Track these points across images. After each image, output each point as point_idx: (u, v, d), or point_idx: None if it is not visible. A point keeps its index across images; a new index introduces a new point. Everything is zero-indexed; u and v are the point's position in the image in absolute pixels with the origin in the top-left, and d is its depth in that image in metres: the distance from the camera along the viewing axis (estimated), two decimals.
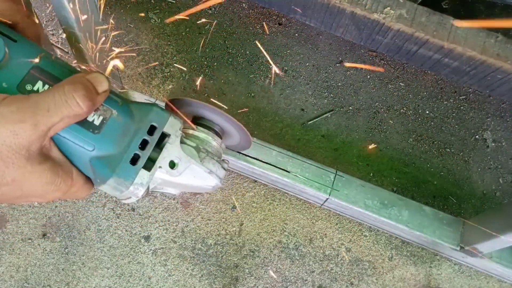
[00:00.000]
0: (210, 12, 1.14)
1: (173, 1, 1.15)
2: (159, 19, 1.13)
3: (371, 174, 1.04)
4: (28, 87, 0.39)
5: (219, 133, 0.64)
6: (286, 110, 1.07)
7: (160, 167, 0.46)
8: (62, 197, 0.42)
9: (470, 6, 1.22)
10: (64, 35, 1.09)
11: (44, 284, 0.92)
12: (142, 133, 0.44)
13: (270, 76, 1.09)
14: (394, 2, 0.95)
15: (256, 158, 0.88)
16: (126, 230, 0.96)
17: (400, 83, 1.12)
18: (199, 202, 0.99)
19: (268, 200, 1.00)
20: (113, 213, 0.97)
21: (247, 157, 0.88)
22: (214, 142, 0.60)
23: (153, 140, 0.45)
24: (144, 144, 0.44)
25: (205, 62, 1.10)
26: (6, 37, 0.39)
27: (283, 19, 1.15)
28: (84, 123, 0.41)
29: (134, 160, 0.44)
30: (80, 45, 0.71)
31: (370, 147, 1.03)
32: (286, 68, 1.11)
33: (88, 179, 0.44)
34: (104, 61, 0.77)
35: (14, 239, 0.94)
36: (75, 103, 0.35)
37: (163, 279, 0.94)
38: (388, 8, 0.95)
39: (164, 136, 0.47)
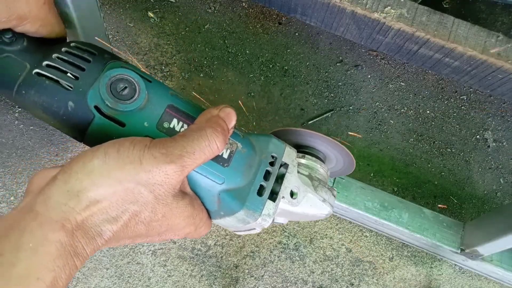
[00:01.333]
0: (209, 11, 1.14)
1: (172, 0, 1.15)
2: (159, 19, 1.12)
3: (372, 174, 1.04)
4: (166, 125, 0.41)
5: (323, 160, 0.64)
6: (286, 110, 1.07)
7: (283, 197, 0.47)
8: (192, 232, 0.44)
9: (471, 5, 1.21)
10: None
11: None
12: (265, 164, 0.46)
13: (269, 75, 1.09)
14: (395, 2, 0.95)
15: None
16: None
17: (401, 83, 1.12)
18: None
19: None
20: None
21: None
22: (321, 169, 0.60)
23: (274, 170, 0.46)
24: (267, 175, 0.46)
25: (205, 62, 1.09)
26: (144, 79, 0.41)
27: (283, 19, 1.15)
28: (215, 158, 0.42)
29: (260, 191, 0.45)
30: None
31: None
32: (286, 68, 1.11)
33: (208, 214, 0.46)
34: None
35: None
36: (216, 147, 0.38)
37: (163, 279, 0.93)
38: (389, 7, 0.94)
39: (280, 166, 0.48)
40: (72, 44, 0.41)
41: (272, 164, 0.46)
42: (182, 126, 0.42)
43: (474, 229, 0.86)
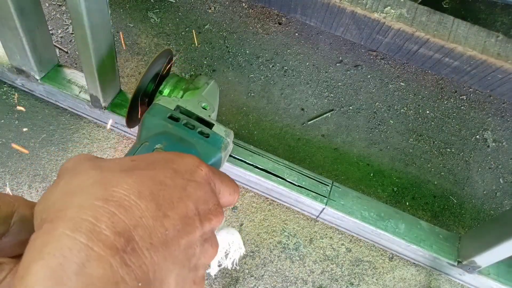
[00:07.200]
0: (210, 11, 1.14)
1: (172, 0, 1.15)
2: (159, 19, 1.12)
3: (371, 174, 1.04)
4: None
5: None
6: (286, 110, 1.07)
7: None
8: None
9: (471, 5, 1.21)
10: (62, 35, 1.09)
11: None
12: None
13: (269, 75, 1.09)
14: (395, 2, 0.95)
15: (252, 164, 0.87)
16: None
17: (401, 83, 1.12)
18: None
19: (268, 200, 1.00)
20: None
21: (243, 163, 0.87)
22: None
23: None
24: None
25: (205, 62, 1.09)
26: None
27: (283, 19, 1.15)
28: None
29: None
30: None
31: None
32: (286, 68, 1.11)
33: None
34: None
35: None
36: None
37: None
38: (389, 7, 0.94)
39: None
40: None
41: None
42: None
43: (471, 240, 0.84)
